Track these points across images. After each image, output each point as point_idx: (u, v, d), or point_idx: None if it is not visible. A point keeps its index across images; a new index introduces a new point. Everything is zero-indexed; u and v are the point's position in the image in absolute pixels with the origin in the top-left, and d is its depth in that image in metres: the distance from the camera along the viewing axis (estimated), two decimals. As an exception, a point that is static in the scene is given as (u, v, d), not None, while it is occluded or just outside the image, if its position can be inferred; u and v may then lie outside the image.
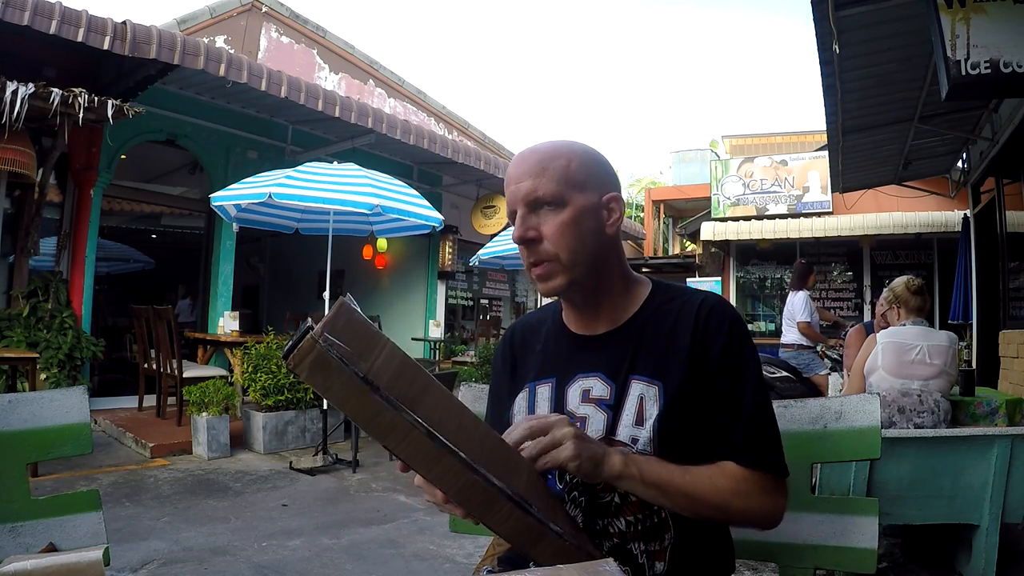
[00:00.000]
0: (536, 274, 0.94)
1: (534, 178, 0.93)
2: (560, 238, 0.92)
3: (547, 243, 0.93)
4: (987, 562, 2.32)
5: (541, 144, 0.97)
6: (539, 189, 0.93)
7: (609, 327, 0.99)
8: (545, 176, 0.93)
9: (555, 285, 0.94)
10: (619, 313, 0.99)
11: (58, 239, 5.55)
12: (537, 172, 0.94)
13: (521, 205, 0.94)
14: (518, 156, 0.97)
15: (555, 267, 0.93)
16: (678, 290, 1.02)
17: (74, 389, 1.28)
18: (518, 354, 1.09)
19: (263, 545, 2.91)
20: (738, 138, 14.63)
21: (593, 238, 0.94)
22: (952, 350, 2.78)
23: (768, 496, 0.90)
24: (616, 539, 0.90)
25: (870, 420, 1.18)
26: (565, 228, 0.92)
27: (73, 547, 1.19)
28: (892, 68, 4.33)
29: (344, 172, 4.65)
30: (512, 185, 0.94)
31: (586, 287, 0.96)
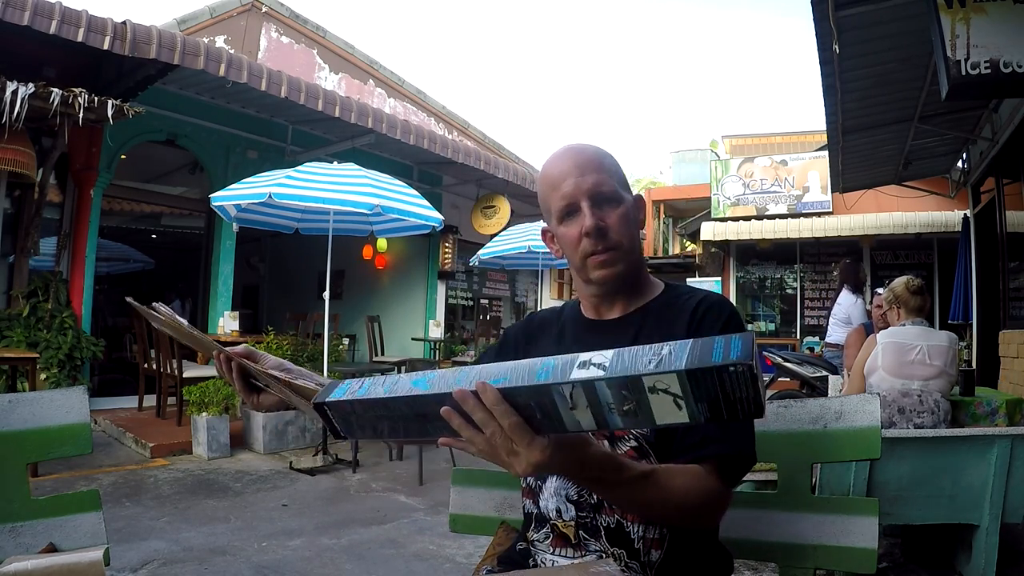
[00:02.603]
0: (600, 260, 0.99)
1: (598, 173, 0.99)
2: (625, 229, 1.00)
3: (613, 233, 0.98)
4: (987, 562, 2.32)
5: (582, 143, 1.04)
6: (604, 184, 0.99)
7: (619, 314, 1.05)
8: (605, 172, 1.00)
9: (617, 271, 1.00)
10: (631, 303, 1.05)
11: (58, 239, 5.55)
12: (598, 167, 1.00)
13: (586, 197, 0.98)
14: (569, 151, 1.02)
15: (619, 255, 0.99)
16: (685, 288, 1.07)
17: (74, 389, 1.28)
18: (535, 333, 1.16)
19: (263, 545, 2.91)
20: (738, 138, 14.63)
21: (637, 233, 1.04)
22: (952, 350, 2.78)
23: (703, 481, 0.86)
24: (617, 515, 0.92)
25: (870, 420, 1.18)
26: (626, 220, 1.00)
27: (73, 547, 1.19)
28: (892, 68, 4.33)
29: (344, 172, 4.66)
30: (573, 178, 0.98)
31: (627, 277, 1.02)
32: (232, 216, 5.16)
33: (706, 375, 0.53)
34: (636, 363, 0.55)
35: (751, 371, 0.52)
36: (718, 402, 0.54)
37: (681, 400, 0.54)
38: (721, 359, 0.52)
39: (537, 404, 0.60)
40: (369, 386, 0.68)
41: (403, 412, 0.65)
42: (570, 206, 0.99)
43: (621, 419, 0.57)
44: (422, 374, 0.66)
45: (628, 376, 0.54)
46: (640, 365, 0.55)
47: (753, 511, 1.21)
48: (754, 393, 0.53)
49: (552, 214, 1.02)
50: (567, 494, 0.96)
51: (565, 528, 0.95)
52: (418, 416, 0.65)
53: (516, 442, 0.63)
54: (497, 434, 0.63)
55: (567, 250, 1.03)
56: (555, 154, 1.04)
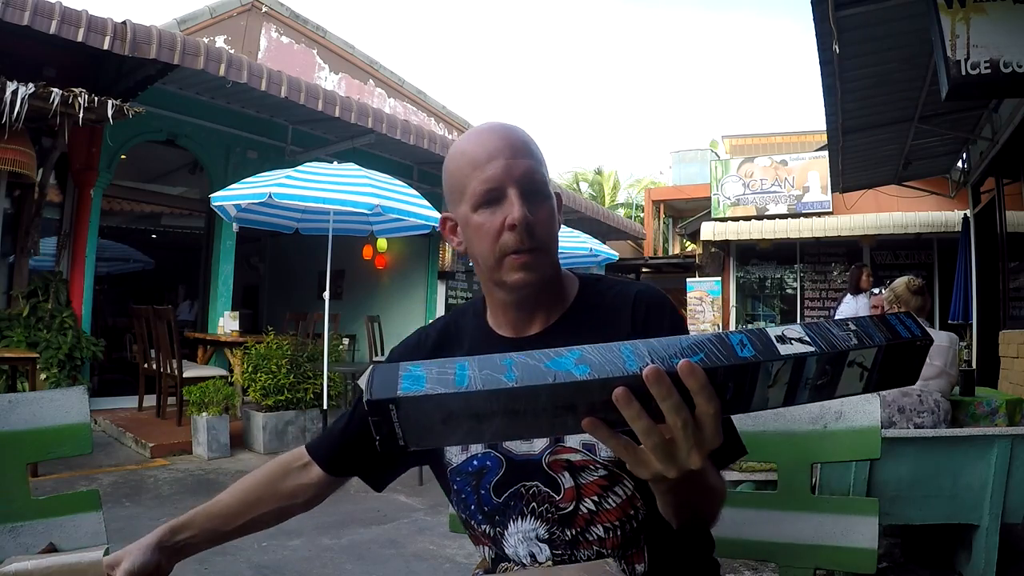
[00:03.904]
0: (522, 261, 0.84)
1: (530, 159, 0.85)
2: (551, 228, 0.87)
3: (540, 231, 0.84)
4: (987, 562, 2.32)
5: (506, 123, 0.89)
6: (537, 173, 0.85)
7: (542, 326, 0.91)
8: (536, 160, 0.86)
9: (538, 276, 0.86)
10: (553, 311, 0.92)
11: (58, 239, 5.55)
12: (530, 153, 0.86)
13: (516, 184, 0.83)
14: (499, 128, 0.87)
15: (542, 257, 0.86)
16: (607, 282, 0.96)
17: (74, 389, 1.28)
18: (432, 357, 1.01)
19: (263, 545, 2.91)
20: (738, 138, 14.64)
21: (558, 235, 0.91)
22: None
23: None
24: (595, 547, 0.86)
25: (870, 420, 1.18)
26: (554, 219, 0.88)
27: (73, 547, 1.19)
28: (892, 68, 4.34)
29: (344, 172, 4.66)
30: (503, 159, 0.83)
31: (547, 284, 0.89)
32: (232, 216, 5.16)
33: (900, 350, 0.55)
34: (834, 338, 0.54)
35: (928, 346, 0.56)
36: (893, 373, 0.57)
37: (867, 372, 0.56)
38: (909, 335, 0.56)
39: (735, 384, 0.53)
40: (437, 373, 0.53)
41: (533, 406, 0.52)
42: (494, 191, 0.83)
43: (809, 394, 0.56)
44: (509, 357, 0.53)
45: (837, 351, 0.53)
46: (839, 341, 0.54)
47: (753, 511, 1.21)
48: (920, 365, 0.57)
49: (466, 198, 0.85)
50: (537, 534, 0.87)
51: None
52: (558, 409, 0.52)
53: (706, 432, 0.52)
54: (688, 426, 0.52)
55: (479, 243, 0.86)
56: (478, 130, 0.89)
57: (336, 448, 0.99)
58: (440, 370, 0.53)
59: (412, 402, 0.51)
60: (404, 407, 0.51)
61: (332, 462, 0.99)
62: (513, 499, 0.89)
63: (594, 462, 0.84)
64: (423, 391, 0.51)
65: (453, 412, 0.51)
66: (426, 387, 0.51)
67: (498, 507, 0.90)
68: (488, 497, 0.90)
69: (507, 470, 0.89)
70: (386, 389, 0.51)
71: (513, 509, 0.89)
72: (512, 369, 0.52)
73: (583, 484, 0.85)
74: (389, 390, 0.51)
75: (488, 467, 0.90)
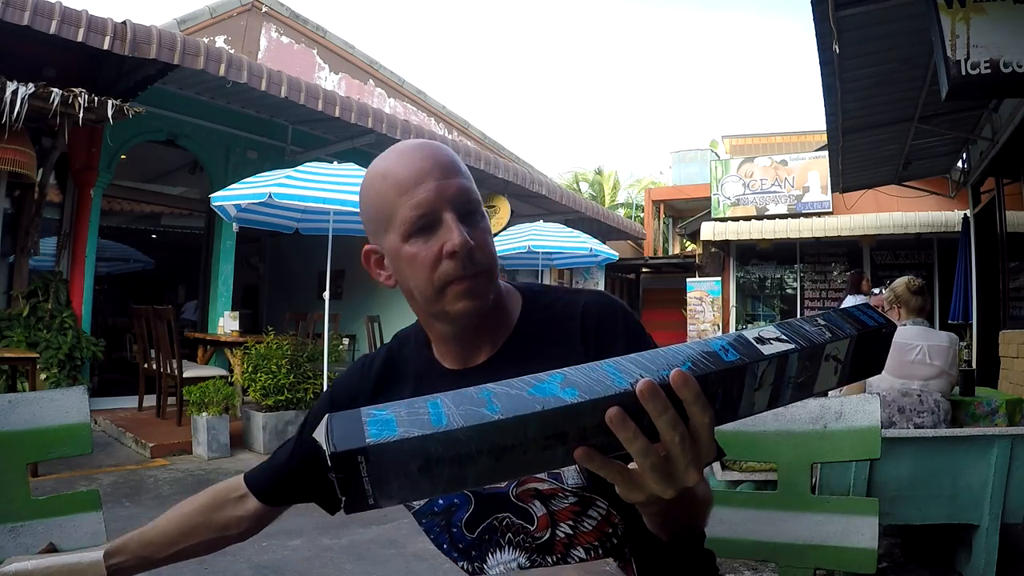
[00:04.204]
0: (465, 288, 0.77)
1: (461, 177, 0.79)
2: (491, 248, 0.81)
3: (480, 254, 0.78)
4: (987, 562, 2.32)
5: (428, 141, 0.84)
6: (471, 193, 0.79)
7: (490, 352, 0.85)
8: (466, 177, 0.80)
9: (484, 303, 0.79)
10: (499, 335, 0.85)
11: (58, 239, 5.55)
12: (460, 171, 0.80)
13: (451, 207, 0.76)
14: (424, 147, 0.80)
15: (486, 282, 0.79)
16: (552, 294, 0.90)
17: (74, 389, 1.28)
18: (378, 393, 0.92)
19: (263, 545, 2.91)
20: (738, 138, 14.64)
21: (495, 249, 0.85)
22: (952, 350, 2.78)
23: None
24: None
25: (870, 420, 1.18)
26: (491, 237, 0.81)
27: (73, 547, 1.19)
28: (892, 68, 4.34)
29: (344, 172, 4.66)
30: (434, 181, 0.76)
31: (489, 308, 0.82)
32: (232, 216, 5.16)
33: (869, 339, 0.56)
34: (808, 334, 0.54)
35: (892, 333, 0.57)
36: (862, 363, 0.57)
37: (840, 365, 0.56)
38: (874, 324, 0.56)
39: (724, 391, 0.51)
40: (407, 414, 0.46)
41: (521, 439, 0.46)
42: (427, 217, 0.76)
43: (791, 392, 0.55)
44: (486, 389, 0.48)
45: (815, 346, 0.53)
46: (814, 335, 0.54)
47: (753, 511, 1.21)
48: (885, 353, 0.58)
49: (394, 226, 0.78)
50: (518, 563, 0.85)
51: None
52: (548, 439, 0.47)
53: (701, 445, 0.49)
54: (686, 440, 0.48)
55: (414, 275, 0.78)
56: (398, 151, 0.81)
57: (277, 481, 0.95)
58: (410, 411, 0.47)
59: (385, 450, 0.44)
60: (375, 457, 0.44)
61: (272, 494, 0.96)
62: (487, 533, 0.87)
63: (562, 490, 0.81)
64: (397, 436, 0.44)
65: (432, 457, 0.45)
66: (399, 431, 0.44)
67: (473, 543, 0.88)
68: (461, 534, 0.89)
69: (476, 505, 0.87)
70: (351, 439, 0.44)
71: (489, 543, 0.87)
72: (493, 401, 0.47)
73: (556, 511, 0.82)
74: (355, 439, 0.44)
75: (456, 504, 0.88)
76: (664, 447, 0.49)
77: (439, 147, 0.81)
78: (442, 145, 0.82)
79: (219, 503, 0.97)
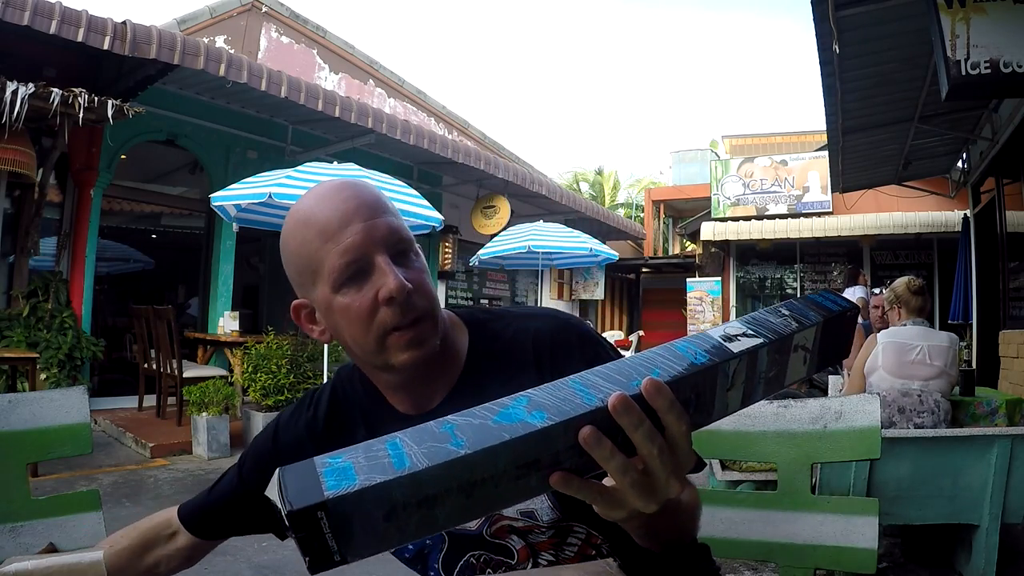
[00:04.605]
0: (408, 338, 0.72)
1: (389, 216, 0.73)
2: (430, 289, 0.75)
3: (419, 297, 0.72)
4: (987, 562, 2.32)
5: (347, 180, 0.77)
6: (402, 231, 0.74)
7: (443, 395, 0.79)
8: (394, 215, 0.74)
9: (430, 349, 0.73)
10: (450, 374, 0.80)
11: (58, 239, 5.55)
12: (387, 209, 0.74)
13: (382, 249, 0.71)
14: (345, 187, 0.74)
15: (430, 326, 0.73)
16: (501, 321, 0.84)
17: (74, 389, 1.28)
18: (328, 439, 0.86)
19: (263, 545, 2.91)
20: (738, 138, 14.63)
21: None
22: (952, 350, 2.78)
23: None
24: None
25: (870, 420, 1.18)
26: (427, 277, 0.75)
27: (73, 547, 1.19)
28: (892, 68, 4.34)
29: (344, 172, 4.65)
30: (360, 223, 0.70)
31: (436, 350, 0.75)
32: (232, 216, 5.16)
33: (834, 324, 0.55)
34: (775, 326, 0.52)
35: (856, 316, 0.58)
36: (829, 349, 0.56)
37: (808, 354, 0.55)
38: (838, 308, 0.56)
39: (696, 395, 0.49)
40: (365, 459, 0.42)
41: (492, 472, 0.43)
42: (357, 262, 0.70)
43: (763, 388, 0.53)
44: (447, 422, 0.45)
45: (782, 337, 0.51)
46: (781, 327, 0.52)
47: (753, 511, 1.21)
48: (851, 337, 0.59)
49: (322, 278, 0.72)
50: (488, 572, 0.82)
51: None
52: (520, 469, 0.44)
53: (680, 455, 0.47)
54: (664, 452, 0.46)
55: (350, 327, 0.72)
56: (316, 195, 0.74)
57: (217, 516, 0.91)
58: (368, 455, 0.43)
59: (346, 502, 0.40)
60: (336, 510, 0.40)
61: (209, 530, 0.92)
62: (466, 570, 0.84)
63: (538, 527, 0.78)
64: (357, 484, 0.40)
65: (398, 503, 0.41)
66: (359, 479, 0.41)
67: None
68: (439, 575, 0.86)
69: (450, 545, 0.83)
70: (307, 494, 0.40)
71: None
72: (456, 435, 0.43)
73: (535, 543, 0.80)
74: (312, 494, 0.40)
75: (429, 546, 0.85)
76: (642, 461, 0.46)
77: (362, 185, 0.75)
78: (364, 182, 0.77)
79: (148, 544, 0.91)
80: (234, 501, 0.90)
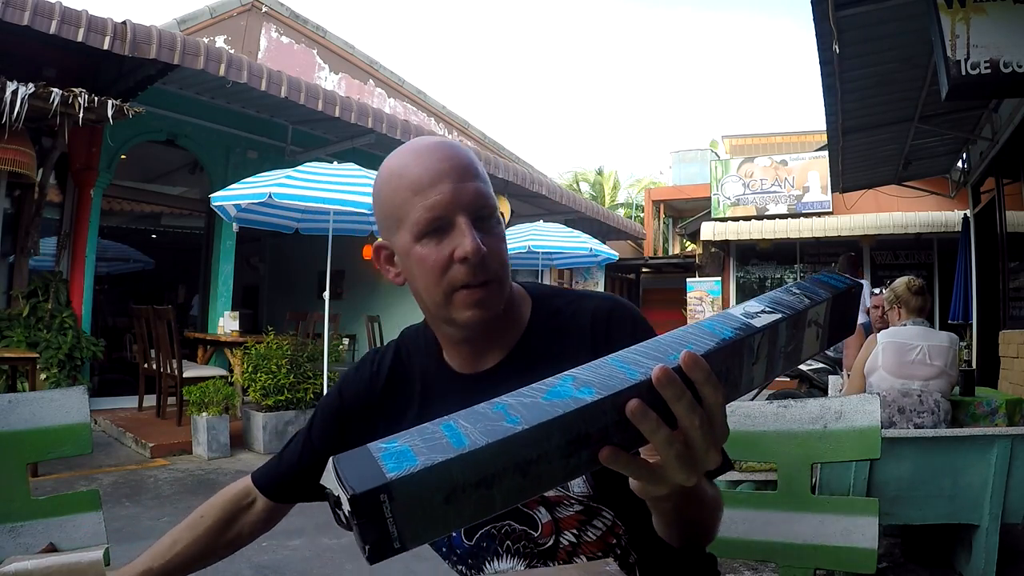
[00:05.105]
0: (476, 298, 0.75)
1: (478, 182, 0.77)
2: (504, 256, 0.79)
3: (493, 262, 0.76)
4: (987, 562, 2.32)
5: (446, 141, 0.81)
6: (488, 199, 0.77)
7: (498, 358, 0.83)
8: (484, 183, 0.77)
9: (493, 312, 0.77)
10: (508, 338, 0.84)
11: (58, 239, 5.55)
12: (478, 175, 0.77)
13: (465, 212, 0.74)
14: (441, 147, 0.78)
15: (497, 290, 0.77)
16: (562, 298, 0.88)
17: (74, 389, 1.28)
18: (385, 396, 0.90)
19: (263, 545, 2.91)
20: (738, 138, 14.64)
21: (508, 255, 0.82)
22: (953, 351, 2.78)
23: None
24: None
25: (870, 420, 1.18)
26: (504, 244, 0.79)
27: (73, 547, 1.19)
28: (892, 68, 4.33)
29: (344, 172, 4.66)
30: (450, 183, 0.74)
31: (500, 315, 0.80)
32: (232, 216, 5.16)
33: (842, 300, 0.58)
34: (789, 302, 0.55)
35: (859, 292, 0.61)
36: (839, 324, 0.59)
37: (821, 329, 0.57)
38: (843, 285, 0.59)
39: (727, 368, 0.50)
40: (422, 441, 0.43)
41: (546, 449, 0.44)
42: (440, 220, 0.74)
43: (783, 362, 0.55)
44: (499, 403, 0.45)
45: (798, 312, 0.54)
46: (795, 303, 0.55)
47: (753, 511, 1.21)
48: (855, 312, 0.61)
49: (406, 226, 0.76)
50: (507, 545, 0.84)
51: None
52: (571, 445, 0.45)
53: (717, 427, 0.48)
54: (704, 423, 0.47)
55: (423, 277, 0.76)
56: (414, 149, 0.78)
57: (289, 480, 0.94)
58: (424, 437, 0.43)
59: (410, 483, 0.40)
60: (399, 493, 0.40)
61: (283, 493, 0.95)
62: (486, 540, 0.86)
63: (568, 497, 0.80)
64: (419, 465, 0.40)
65: (458, 483, 0.42)
66: (420, 460, 0.41)
67: (470, 551, 0.88)
68: (459, 540, 0.88)
69: None
70: (369, 477, 0.40)
71: (487, 551, 0.86)
72: (510, 412, 0.44)
73: (560, 518, 0.82)
74: (374, 477, 0.40)
75: None
76: (683, 432, 0.48)
77: (458, 148, 0.79)
78: (461, 146, 0.80)
79: (230, 517, 0.95)
80: (305, 462, 0.93)
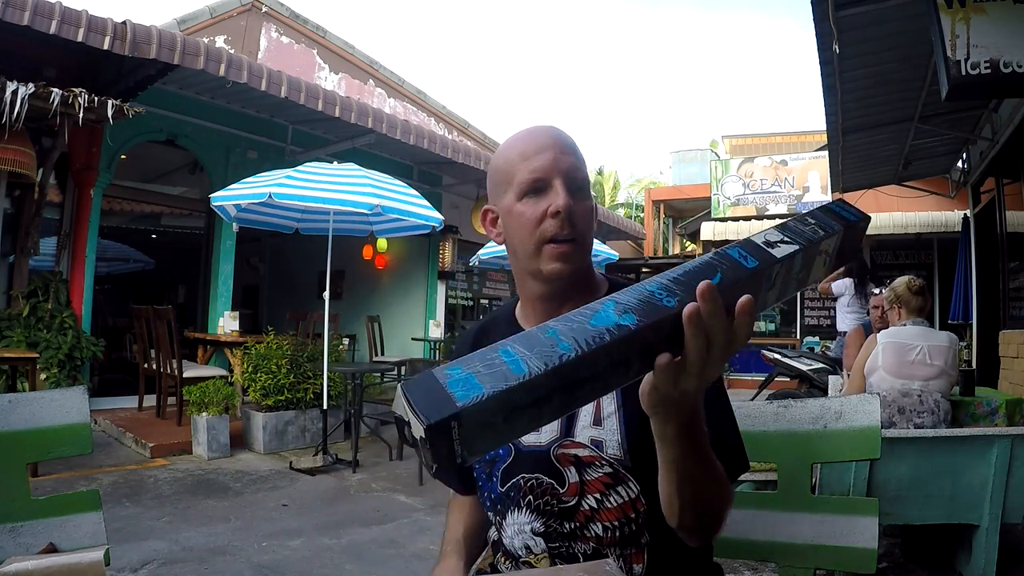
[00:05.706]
0: (560, 251, 0.87)
1: (574, 157, 0.89)
2: (589, 222, 0.90)
3: (580, 223, 0.88)
4: (987, 562, 2.32)
5: (554, 127, 0.94)
6: (582, 171, 0.90)
7: None
8: (580, 160, 0.90)
9: (572, 267, 0.88)
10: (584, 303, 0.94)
11: (58, 239, 5.55)
12: (574, 152, 0.90)
13: (562, 176, 0.87)
14: (547, 128, 0.92)
15: (579, 249, 0.88)
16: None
17: (74, 389, 1.28)
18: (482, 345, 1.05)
19: (263, 545, 2.91)
20: (738, 138, 14.63)
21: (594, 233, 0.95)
22: (952, 350, 2.78)
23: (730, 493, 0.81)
24: (592, 543, 0.87)
25: (870, 420, 1.18)
26: (592, 217, 0.91)
27: (73, 547, 1.19)
28: (892, 68, 4.33)
29: (344, 172, 4.65)
30: (552, 153, 0.87)
31: (580, 278, 0.92)
32: (232, 216, 5.16)
33: (851, 231, 0.62)
34: (806, 234, 0.60)
35: (867, 225, 0.64)
36: (843, 252, 0.64)
37: (828, 258, 0.62)
38: (853, 218, 0.62)
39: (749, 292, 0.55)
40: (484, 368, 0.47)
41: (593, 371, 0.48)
42: (540, 181, 0.87)
43: (793, 287, 0.61)
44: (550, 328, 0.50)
45: (813, 243, 0.59)
46: (810, 234, 0.60)
47: (753, 511, 1.21)
48: (861, 241, 0.66)
49: (511, 187, 0.89)
50: (532, 528, 0.90)
51: (537, 562, 0.90)
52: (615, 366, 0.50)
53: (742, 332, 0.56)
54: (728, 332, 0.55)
55: (520, 232, 0.89)
56: (527, 128, 0.93)
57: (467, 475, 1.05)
58: (485, 363, 0.47)
59: (477, 410, 0.44)
60: (468, 419, 0.44)
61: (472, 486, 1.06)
62: (513, 490, 0.92)
63: (600, 458, 0.86)
64: (485, 394, 0.44)
65: (516, 405, 0.46)
66: (485, 388, 0.45)
67: (500, 496, 0.93)
68: (495, 485, 0.94)
69: (514, 459, 0.92)
70: (442, 406, 0.44)
71: (511, 500, 0.92)
72: (561, 338, 0.48)
73: (588, 480, 0.87)
74: (445, 406, 0.44)
75: (499, 455, 0.94)
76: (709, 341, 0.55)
77: (562, 132, 0.92)
78: (557, 129, 0.92)
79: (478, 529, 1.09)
80: None
